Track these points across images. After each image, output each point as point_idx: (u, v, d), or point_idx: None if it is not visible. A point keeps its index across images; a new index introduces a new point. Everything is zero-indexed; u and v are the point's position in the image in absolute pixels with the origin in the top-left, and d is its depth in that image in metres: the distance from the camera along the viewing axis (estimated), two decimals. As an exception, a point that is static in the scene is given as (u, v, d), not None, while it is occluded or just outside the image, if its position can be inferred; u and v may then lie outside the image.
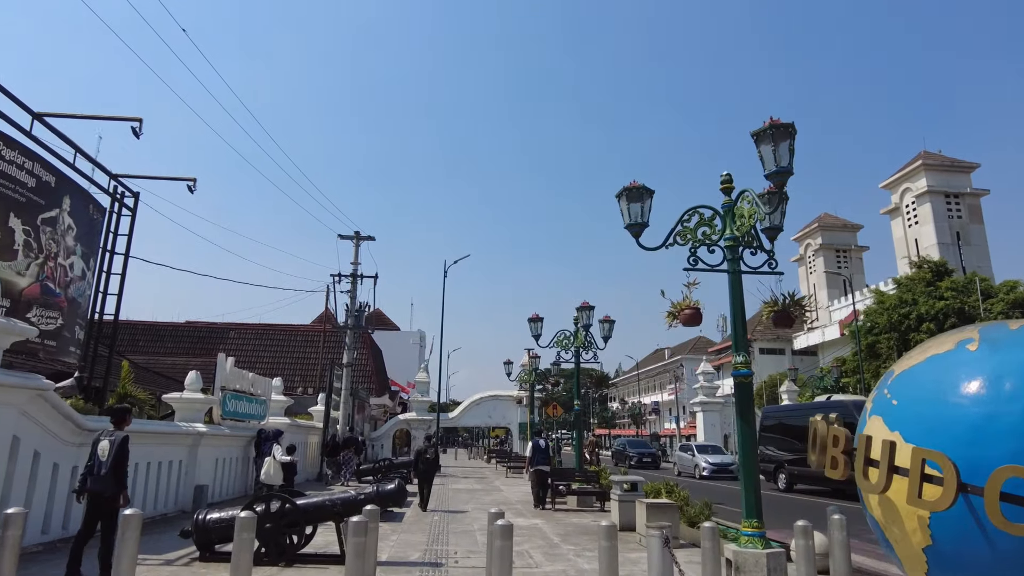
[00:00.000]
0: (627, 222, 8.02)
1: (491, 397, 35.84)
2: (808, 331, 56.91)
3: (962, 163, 45.51)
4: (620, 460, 35.66)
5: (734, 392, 7.47)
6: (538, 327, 16.56)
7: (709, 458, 26.82)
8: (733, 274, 7.69)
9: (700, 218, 7.97)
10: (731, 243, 7.72)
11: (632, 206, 8.03)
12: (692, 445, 29.16)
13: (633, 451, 36.47)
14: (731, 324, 7.63)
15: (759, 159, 6.96)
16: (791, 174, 6.82)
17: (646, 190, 8.06)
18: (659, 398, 75.18)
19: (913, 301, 27.99)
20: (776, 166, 6.75)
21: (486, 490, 19.57)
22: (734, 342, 7.49)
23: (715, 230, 7.89)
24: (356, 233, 27.88)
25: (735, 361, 7.34)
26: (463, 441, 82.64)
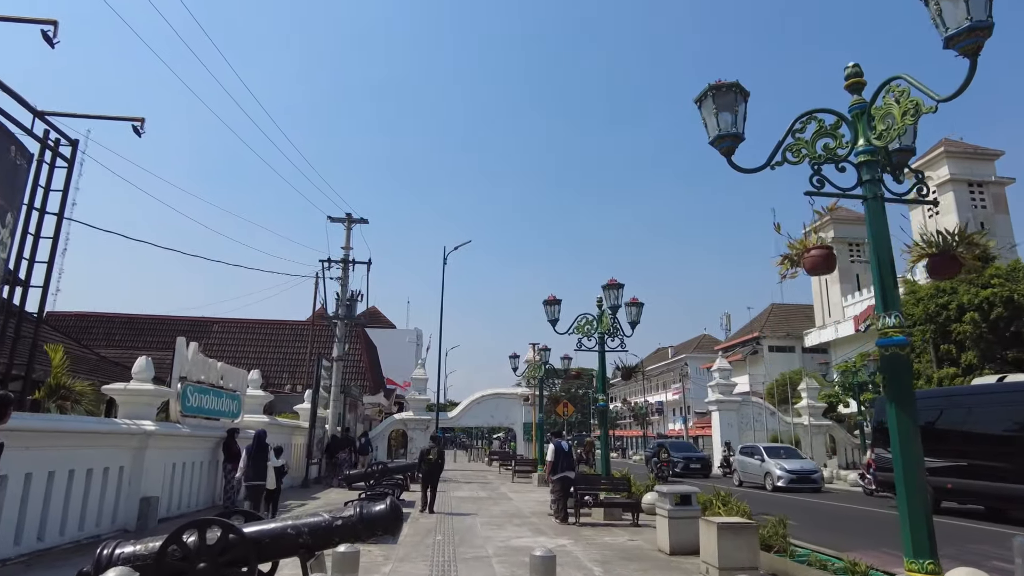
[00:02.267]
0: (714, 135, 5.69)
1: (493, 395, 33.49)
2: (820, 329, 54.86)
3: (986, 151, 43.38)
4: (658, 466, 29.00)
5: (883, 369, 5.16)
6: (554, 311, 14.27)
7: (785, 464, 21.65)
8: (874, 200, 5.42)
9: (819, 126, 5.67)
10: (868, 158, 5.44)
11: (722, 114, 5.70)
12: (759, 447, 23.61)
13: (677, 455, 29.35)
14: (875, 273, 5.32)
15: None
16: (988, 34, 4.41)
17: (739, 90, 5.74)
18: (663, 398, 72.96)
19: (952, 290, 25.75)
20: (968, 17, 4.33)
21: (493, 498, 17.24)
22: (881, 298, 5.19)
23: (841, 142, 5.61)
24: (347, 215, 25.59)
25: (884, 324, 5.03)
26: (463, 442, 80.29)
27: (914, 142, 6.31)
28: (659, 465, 25.59)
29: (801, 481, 20.95)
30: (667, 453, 29.07)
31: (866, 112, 5.40)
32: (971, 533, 12.18)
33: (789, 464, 21.68)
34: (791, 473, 21.16)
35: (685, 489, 9.63)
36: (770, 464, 21.92)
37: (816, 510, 16.20)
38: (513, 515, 13.52)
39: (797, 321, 60.83)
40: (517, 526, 11.86)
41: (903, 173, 6.18)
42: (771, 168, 5.63)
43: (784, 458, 22.34)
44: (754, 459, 23.18)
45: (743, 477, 23.78)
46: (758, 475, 22.49)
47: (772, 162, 5.62)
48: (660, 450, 28.69)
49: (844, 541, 10.42)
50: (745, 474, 23.67)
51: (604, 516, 12.89)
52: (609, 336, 13.85)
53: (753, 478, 22.88)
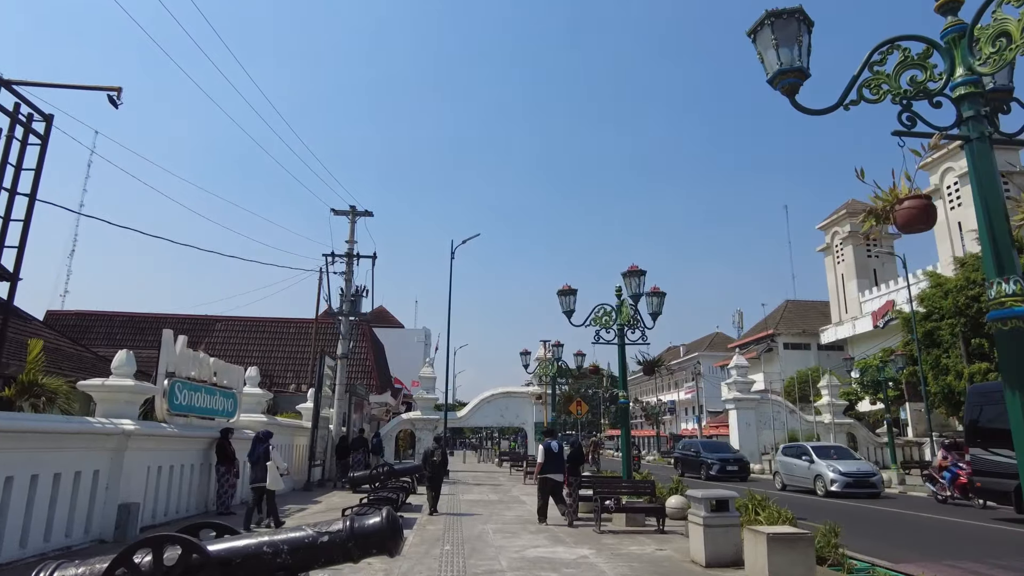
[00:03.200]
0: (773, 71, 4.66)
1: (503, 394, 32.50)
2: (836, 325, 53.63)
3: (1011, 137, 41.97)
4: (689, 468, 27.41)
5: (1001, 348, 4.13)
6: (570, 301, 13.27)
7: (839, 466, 19.07)
8: (980, 141, 4.43)
9: (904, 56, 4.65)
10: (970, 89, 4.43)
11: (783, 48, 4.68)
12: (807, 447, 21.02)
13: (712, 456, 26.67)
14: (984, 230, 4.32)
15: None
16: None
17: (804, 18, 4.73)
18: (675, 397, 71.77)
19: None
20: None
21: (504, 502, 16.26)
22: (994, 259, 4.18)
23: (932, 73, 4.59)
24: (352, 208, 24.69)
25: (1001, 292, 4.03)
26: (472, 443, 79.37)
27: (1011, 80, 5.16)
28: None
29: (859, 485, 18.56)
30: (696, 453, 27.35)
31: (967, 34, 4.34)
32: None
33: (844, 466, 19.16)
34: (847, 476, 18.73)
35: (721, 493, 8.62)
36: (821, 466, 19.46)
37: (879, 519, 14.16)
38: (527, 521, 12.55)
39: (812, 318, 59.57)
40: (532, 534, 10.90)
41: (997, 117, 5.08)
42: (844, 108, 4.62)
43: (836, 459, 19.89)
44: (801, 460, 20.66)
45: (787, 480, 21.31)
46: (806, 478, 20.12)
47: (846, 100, 4.59)
48: (695, 452, 26.67)
49: (913, 555, 9.35)
50: (790, 477, 21.17)
51: (626, 522, 11.90)
52: (629, 328, 12.85)
53: (799, 481, 20.52)
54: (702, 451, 27.57)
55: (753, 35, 4.83)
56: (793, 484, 20.93)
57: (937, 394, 27.15)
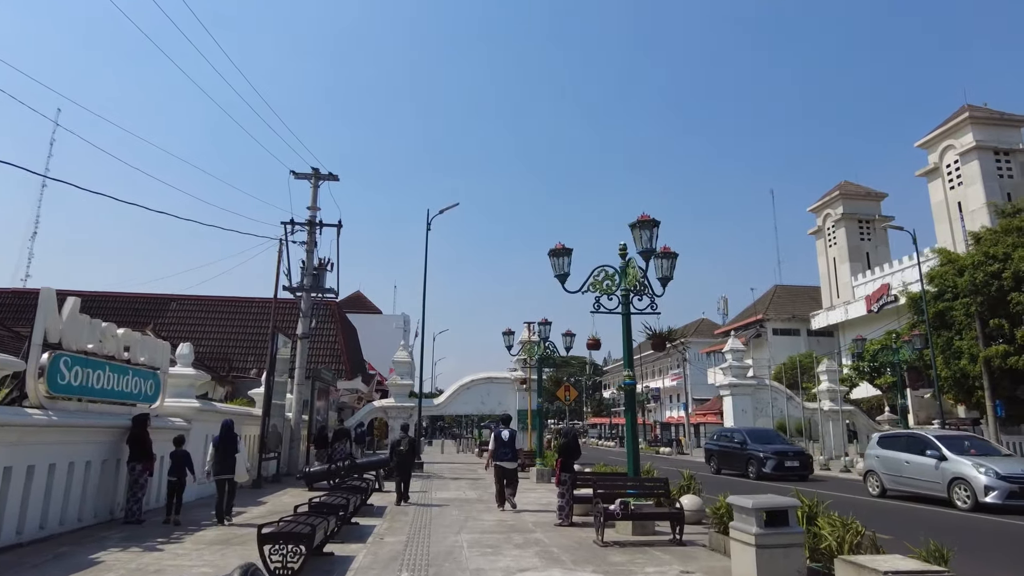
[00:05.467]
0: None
1: (484, 380, 30.25)
2: (828, 310, 52.06)
3: (1012, 116, 40.34)
4: (729, 463, 22.39)
5: None
6: (562, 263, 10.84)
7: (995, 465, 13.18)
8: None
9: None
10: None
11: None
12: (930, 438, 14.85)
13: (763, 449, 20.86)
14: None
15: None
16: None
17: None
18: (660, 384, 70.11)
19: (1005, 256, 22.66)
20: None
21: (484, 501, 13.97)
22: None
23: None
24: (314, 170, 22.10)
25: None
26: (453, 432, 77.16)
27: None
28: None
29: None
30: (742, 446, 21.94)
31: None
32: None
33: (1001, 465, 13.13)
34: (1010, 481, 12.78)
35: (778, 501, 6.38)
36: (963, 465, 13.55)
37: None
38: (512, 528, 10.26)
39: (802, 303, 58.03)
40: (519, 547, 8.62)
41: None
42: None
43: (978, 454, 13.95)
44: (921, 457, 14.55)
45: (891, 484, 15.57)
46: (932, 482, 14.28)
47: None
48: (740, 443, 21.73)
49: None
50: (897, 479, 15.36)
51: (633, 529, 9.68)
52: (636, 294, 10.52)
53: (917, 486, 14.73)
54: (749, 442, 21.75)
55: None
56: (902, 489, 15.24)
57: (948, 379, 25.32)
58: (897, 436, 16.52)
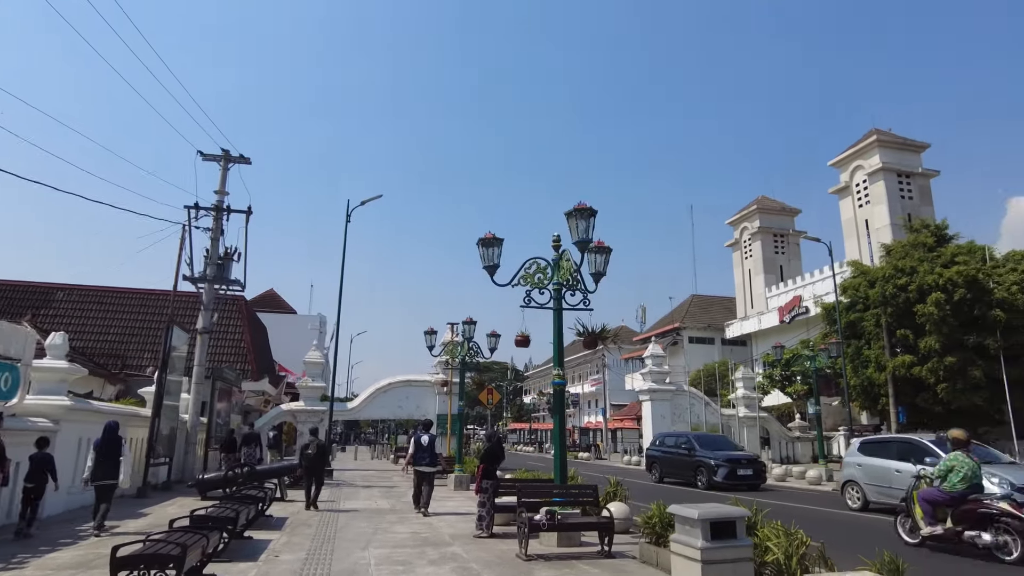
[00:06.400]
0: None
1: (403, 383, 29.02)
2: (742, 320, 53.73)
3: (914, 142, 42.91)
4: (674, 471, 21.00)
5: None
6: (492, 254, 10.03)
7: (1010, 475, 10.96)
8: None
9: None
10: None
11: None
12: (924, 443, 12.83)
13: (714, 456, 19.41)
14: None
15: None
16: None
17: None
18: (580, 389, 70.55)
19: (912, 270, 23.63)
20: None
21: (397, 512, 12.94)
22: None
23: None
24: (224, 152, 20.45)
25: None
26: (366, 437, 74.82)
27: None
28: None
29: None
30: (689, 452, 20.42)
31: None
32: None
33: (1018, 475, 11.04)
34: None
35: (725, 512, 5.78)
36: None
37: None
38: (426, 541, 9.33)
39: (718, 312, 59.78)
40: (433, 563, 7.72)
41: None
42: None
43: (983, 463, 10.57)
44: (919, 467, 11.03)
45: (875, 495, 13.57)
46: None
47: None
48: (687, 449, 20.32)
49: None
50: (883, 491, 13.28)
51: (559, 540, 8.97)
52: (569, 289, 9.86)
53: (901, 497, 11.33)
54: (698, 447, 20.32)
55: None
56: (890, 502, 12.74)
57: (856, 387, 26.20)
58: (884, 442, 14.52)
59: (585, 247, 9.34)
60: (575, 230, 9.30)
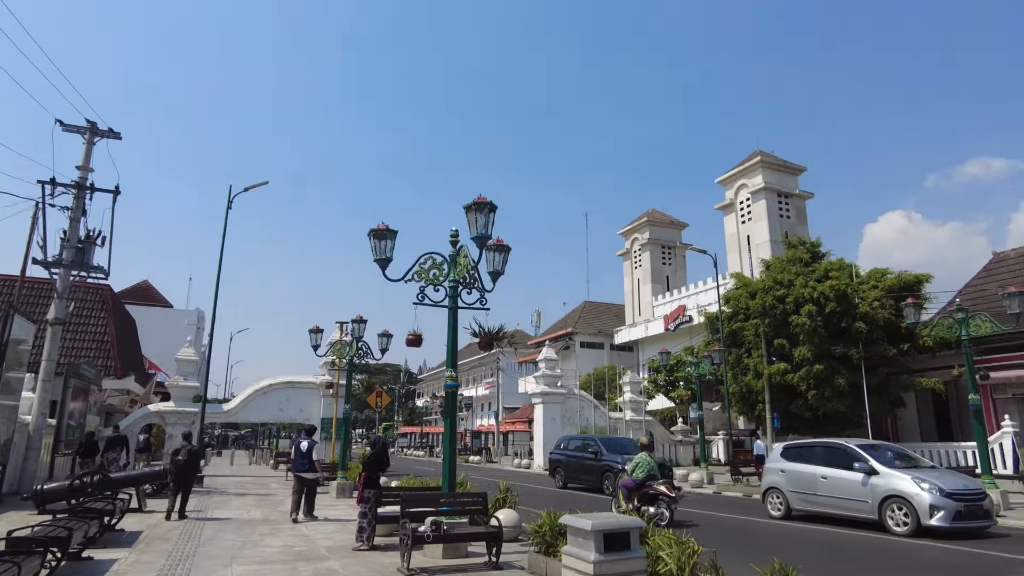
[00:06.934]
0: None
1: (285, 384, 27.48)
2: (630, 327, 55.45)
3: (793, 165, 45.98)
4: (579, 476, 19.84)
5: None
6: (384, 247, 9.40)
7: (939, 481, 11.10)
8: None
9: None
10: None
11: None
12: (853, 448, 12.44)
13: (623, 461, 17.86)
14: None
15: None
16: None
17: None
18: (473, 392, 70.34)
19: (789, 283, 25.12)
20: None
21: (271, 523, 11.98)
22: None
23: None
24: (91, 124, 18.42)
25: None
26: (246, 441, 70.78)
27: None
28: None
29: (972, 515, 10.91)
30: (596, 455, 19.41)
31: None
32: None
33: (945, 481, 11.17)
34: (956, 499, 10.81)
35: (619, 522, 5.52)
36: (899, 481, 11.29)
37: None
38: (300, 556, 8.55)
39: (608, 319, 61.44)
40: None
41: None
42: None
43: (910, 467, 11.87)
44: (847, 472, 12.00)
45: (799, 503, 13.11)
46: (858, 500, 11.85)
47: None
48: (594, 452, 19.37)
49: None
50: (808, 498, 12.90)
51: (444, 552, 8.49)
52: (465, 287, 9.42)
53: (835, 506, 12.34)
54: (605, 451, 19.53)
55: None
56: (814, 510, 12.75)
57: (735, 393, 27.48)
58: (809, 447, 13.85)
59: (484, 243, 8.95)
60: (474, 225, 8.88)
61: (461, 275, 9.37)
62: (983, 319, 15.13)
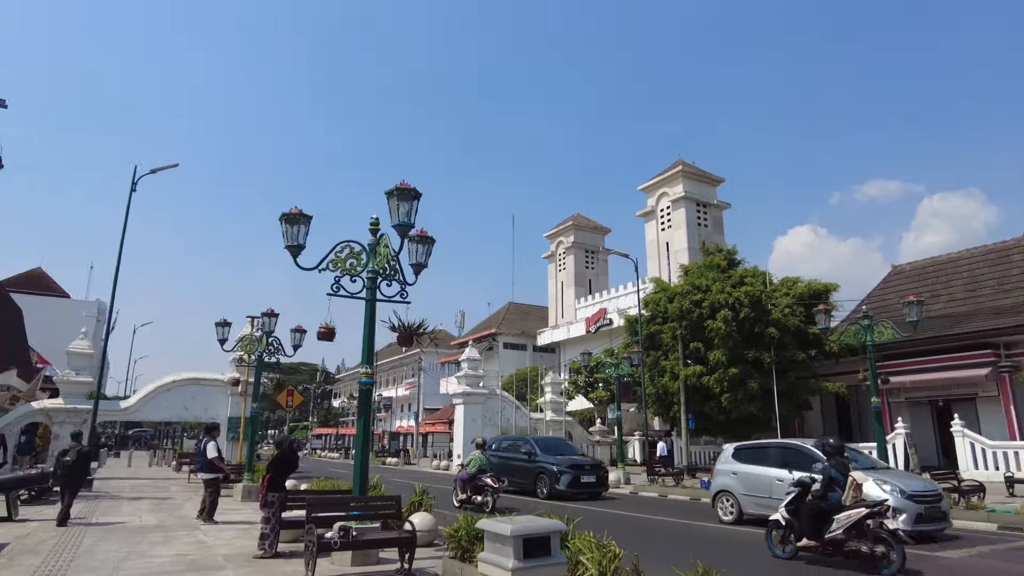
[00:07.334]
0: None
1: (190, 381, 25.87)
2: (553, 329, 55.88)
3: (712, 176, 47.50)
4: (510, 479, 17.93)
5: None
6: (297, 233, 8.76)
7: (901, 483, 10.71)
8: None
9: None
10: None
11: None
12: (810, 448, 11.71)
13: (556, 462, 17.87)
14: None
15: None
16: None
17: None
18: (393, 393, 69.08)
19: (707, 288, 25.80)
20: None
21: (165, 528, 11.03)
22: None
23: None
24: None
25: None
26: (148, 442, 66.68)
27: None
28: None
29: (933, 519, 10.49)
30: (531, 457, 18.47)
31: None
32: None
33: (905, 482, 10.81)
34: (917, 501, 10.40)
35: (539, 526, 5.22)
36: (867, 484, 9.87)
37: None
38: (193, 566, 7.83)
39: (531, 320, 61.70)
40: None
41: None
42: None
43: (867, 468, 11.30)
44: (806, 474, 9.94)
45: (752, 507, 12.32)
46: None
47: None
48: (527, 454, 18.45)
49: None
50: (763, 502, 11.97)
51: (353, 560, 7.98)
52: (385, 278, 8.91)
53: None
54: (539, 452, 18.66)
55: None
56: (767, 513, 10.99)
57: (652, 394, 27.97)
58: (763, 447, 13.11)
59: (406, 232, 8.48)
60: (395, 212, 8.40)
61: (381, 266, 8.86)
62: (885, 326, 15.91)
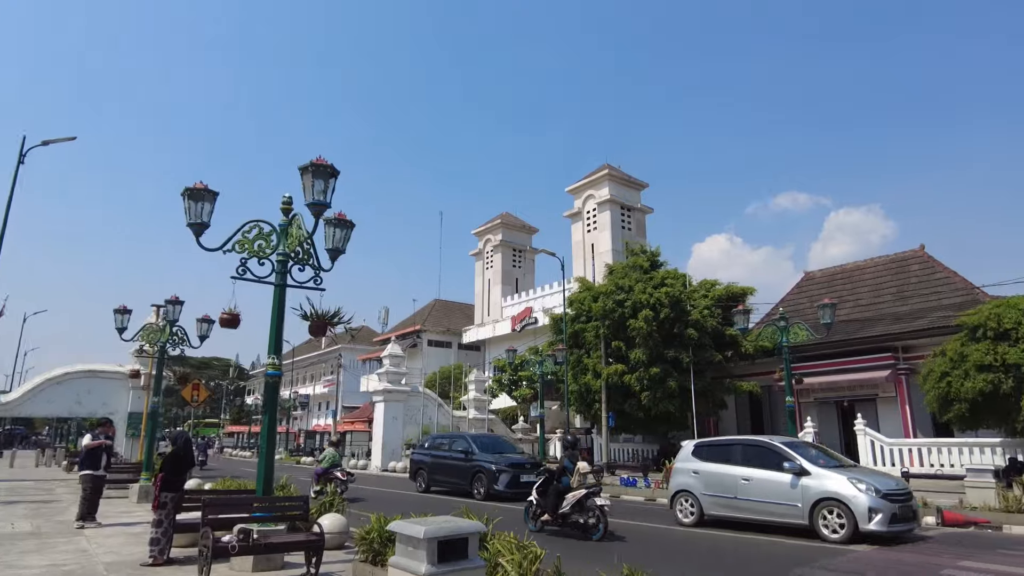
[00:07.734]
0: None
1: (84, 373, 24.02)
2: (478, 326, 55.62)
3: (636, 180, 48.42)
4: (445, 478, 18.58)
5: None
6: (201, 210, 8.01)
7: (875, 482, 10.30)
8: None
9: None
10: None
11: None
12: (778, 445, 11.42)
13: (494, 460, 17.48)
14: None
15: None
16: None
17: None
18: (311, 391, 66.95)
19: (630, 288, 26.14)
20: None
21: (41, 536, 9.98)
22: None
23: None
24: None
25: None
26: (39, 440, 61.88)
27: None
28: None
29: (905, 518, 10.17)
30: (470, 455, 17.99)
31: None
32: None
33: (881, 482, 10.45)
34: (891, 499, 10.04)
35: (456, 527, 4.84)
36: (833, 482, 10.29)
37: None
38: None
39: (457, 318, 61.21)
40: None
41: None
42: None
43: (837, 467, 11.03)
44: (774, 472, 10.86)
45: (714, 507, 11.83)
46: (786, 504, 10.67)
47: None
48: (455, 452, 18.40)
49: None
50: (726, 503, 11.60)
51: (254, 564, 7.36)
52: (296, 262, 8.30)
53: (759, 510, 11.09)
54: (476, 451, 18.18)
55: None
56: (732, 515, 11.50)
57: (575, 392, 28.11)
58: (726, 445, 12.51)
59: (321, 213, 7.91)
60: (310, 190, 7.83)
61: (292, 248, 8.24)
62: (800, 328, 16.46)
